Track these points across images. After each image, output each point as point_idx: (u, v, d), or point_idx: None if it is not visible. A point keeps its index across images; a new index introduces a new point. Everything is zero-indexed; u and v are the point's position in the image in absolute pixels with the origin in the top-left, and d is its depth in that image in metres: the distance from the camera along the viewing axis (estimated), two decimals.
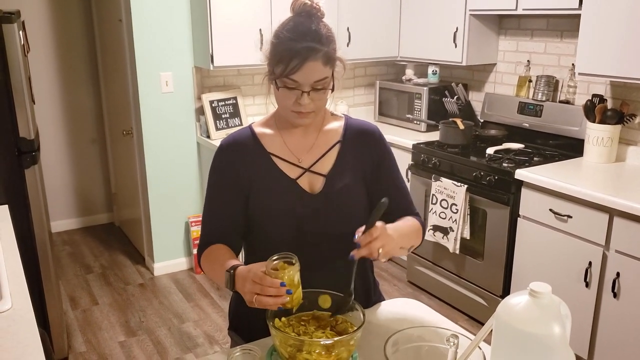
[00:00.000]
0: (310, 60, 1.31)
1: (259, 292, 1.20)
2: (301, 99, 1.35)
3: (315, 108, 1.39)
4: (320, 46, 1.33)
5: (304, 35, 1.33)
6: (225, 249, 1.46)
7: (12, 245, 1.94)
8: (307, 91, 1.35)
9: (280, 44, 1.35)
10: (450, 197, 3.28)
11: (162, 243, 3.97)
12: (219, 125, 3.81)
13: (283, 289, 1.20)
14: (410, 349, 1.18)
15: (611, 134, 2.99)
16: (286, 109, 1.40)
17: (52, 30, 4.43)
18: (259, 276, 1.21)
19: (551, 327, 0.96)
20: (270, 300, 1.20)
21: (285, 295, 1.20)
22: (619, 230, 2.53)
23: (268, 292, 1.20)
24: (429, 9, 3.83)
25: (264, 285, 1.20)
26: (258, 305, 1.21)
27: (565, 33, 3.33)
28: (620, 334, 2.60)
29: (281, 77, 1.34)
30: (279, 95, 1.40)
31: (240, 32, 3.53)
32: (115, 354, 3.06)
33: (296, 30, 1.34)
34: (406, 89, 4.04)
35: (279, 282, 1.20)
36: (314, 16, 1.38)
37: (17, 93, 2.54)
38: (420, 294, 3.69)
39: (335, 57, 1.38)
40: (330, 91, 1.40)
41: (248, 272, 1.25)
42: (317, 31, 1.35)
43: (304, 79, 1.33)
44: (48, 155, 4.52)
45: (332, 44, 1.37)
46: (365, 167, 1.51)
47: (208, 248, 1.48)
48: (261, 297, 1.20)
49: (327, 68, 1.35)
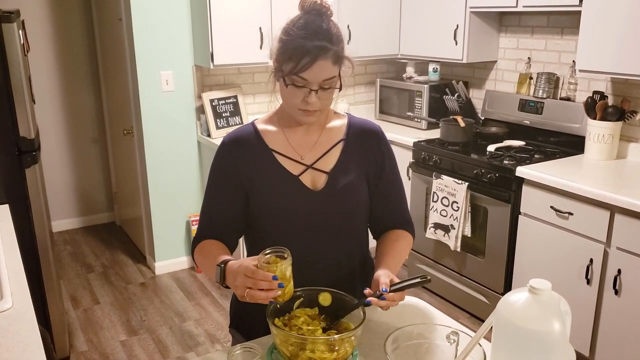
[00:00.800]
0: (321, 59, 1.31)
1: (251, 285, 1.20)
2: (309, 97, 1.35)
3: (322, 107, 1.39)
4: (330, 45, 1.33)
5: (316, 34, 1.32)
6: (219, 244, 1.46)
7: (12, 245, 1.94)
8: (315, 89, 1.34)
9: (291, 41, 1.34)
10: (451, 194, 3.28)
11: (163, 242, 3.97)
12: (220, 124, 3.81)
13: (275, 282, 1.20)
14: (411, 346, 1.18)
15: (612, 131, 2.99)
16: (293, 107, 1.40)
17: (52, 30, 4.43)
18: (251, 270, 1.21)
19: (551, 323, 0.96)
20: (262, 294, 1.20)
21: (277, 289, 1.20)
22: (620, 227, 2.53)
23: (260, 286, 1.19)
24: (429, 7, 3.82)
25: (256, 279, 1.20)
26: (250, 299, 1.21)
27: (566, 30, 3.33)
28: (622, 331, 2.60)
29: (290, 75, 1.34)
30: (286, 93, 1.39)
31: (241, 31, 3.53)
32: (116, 353, 3.07)
33: (307, 28, 1.34)
34: (407, 87, 4.04)
35: (271, 275, 1.20)
36: (324, 15, 1.37)
37: (17, 92, 2.54)
38: (422, 291, 3.68)
39: (343, 56, 1.38)
40: (337, 90, 1.40)
41: (239, 266, 1.25)
42: (328, 30, 1.34)
43: (314, 78, 1.33)
44: (49, 155, 4.53)
45: (341, 43, 1.37)
46: (368, 166, 1.51)
47: (201, 242, 1.48)
48: (253, 291, 1.20)
49: (335, 67, 1.35)
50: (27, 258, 2.35)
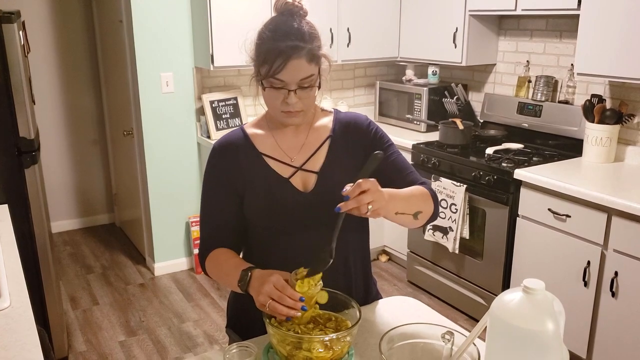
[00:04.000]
0: (294, 58, 1.31)
1: (276, 298, 1.21)
2: (288, 98, 1.35)
3: (304, 107, 1.39)
4: (303, 44, 1.32)
5: (287, 34, 1.33)
6: (230, 252, 1.46)
7: (11, 245, 1.95)
8: (293, 90, 1.34)
9: (263, 44, 1.35)
10: (449, 197, 3.28)
11: (162, 243, 3.98)
12: (220, 126, 3.81)
13: (300, 304, 1.21)
14: (406, 345, 1.18)
15: (610, 134, 3.00)
16: (275, 110, 1.40)
17: (52, 31, 4.45)
18: (282, 284, 1.23)
19: (545, 323, 0.97)
20: (283, 309, 1.21)
21: (299, 310, 1.21)
22: (617, 229, 2.54)
23: (285, 302, 1.21)
24: (428, 10, 3.84)
25: (283, 294, 1.21)
26: (270, 309, 1.22)
27: (565, 33, 3.34)
28: (619, 333, 2.60)
29: (267, 78, 1.34)
30: (266, 96, 1.39)
31: (241, 33, 3.46)
32: (115, 354, 3.07)
33: (278, 30, 1.34)
34: (406, 90, 4.05)
35: (299, 295, 1.22)
36: (296, 14, 1.37)
37: (17, 93, 2.55)
38: (420, 293, 3.69)
39: (319, 54, 1.37)
40: (317, 89, 1.40)
41: (270, 275, 1.26)
42: (299, 29, 1.34)
43: (290, 78, 1.33)
44: (49, 156, 4.54)
45: (316, 41, 1.37)
46: (357, 158, 1.49)
47: (212, 252, 1.48)
48: (276, 304, 1.21)
49: (312, 65, 1.35)
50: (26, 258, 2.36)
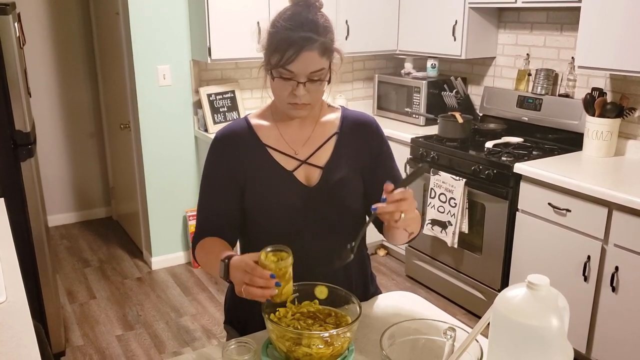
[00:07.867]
0: (307, 50, 1.29)
1: (248, 281, 1.19)
2: (297, 90, 1.33)
3: (311, 100, 1.37)
4: (317, 36, 1.31)
5: (301, 25, 1.31)
6: (219, 241, 1.44)
7: (7, 239, 1.93)
8: (302, 82, 1.33)
9: (277, 33, 1.33)
10: (448, 191, 3.27)
11: (159, 237, 3.96)
12: (217, 119, 3.79)
13: (272, 281, 1.18)
14: (407, 341, 1.17)
15: (610, 128, 2.98)
16: (282, 101, 1.38)
17: (49, 23, 4.41)
18: (251, 266, 1.20)
19: (549, 319, 0.95)
20: (258, 291, 1.18)
21: (273, 288, 1.19)
22: (617, 224, 2.53)
23: (257, 283, 1.18)
24: (428, 2, 3.81)
25: (253, 275, 1.19)
26: (246, 295, 1.20)
27: (565, 26, 3.32)
28: (619, 328, 2.60)
29: (277, 67, 1.32)
30: (274, 86, 1.38)
31: (238, 25, 3.51)
32: (112, 348, 3.06)
33: (293, 20, 1.32)
34: (405, 83, 4.03)
35: (268, 273, 1.18)
36: (312, 6, 1.36)
37: (13, 85, 2.52)
38: (419, 288, 3.68)
39: (332, 48, 1.35)
40: (326, 83, 1.38)
41: (241, 261, 1.24)
42: (314, 21, 1.32)
43: (300, 70, 1.31)
44: (45, 149, 4.51)
45: (330, 34, 1.35)
46: (362, 158, 1.49)
47: (202, 240, 1.46)
48: (249, 287, 1.19)
49: (323, 59, 1.33)
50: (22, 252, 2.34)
